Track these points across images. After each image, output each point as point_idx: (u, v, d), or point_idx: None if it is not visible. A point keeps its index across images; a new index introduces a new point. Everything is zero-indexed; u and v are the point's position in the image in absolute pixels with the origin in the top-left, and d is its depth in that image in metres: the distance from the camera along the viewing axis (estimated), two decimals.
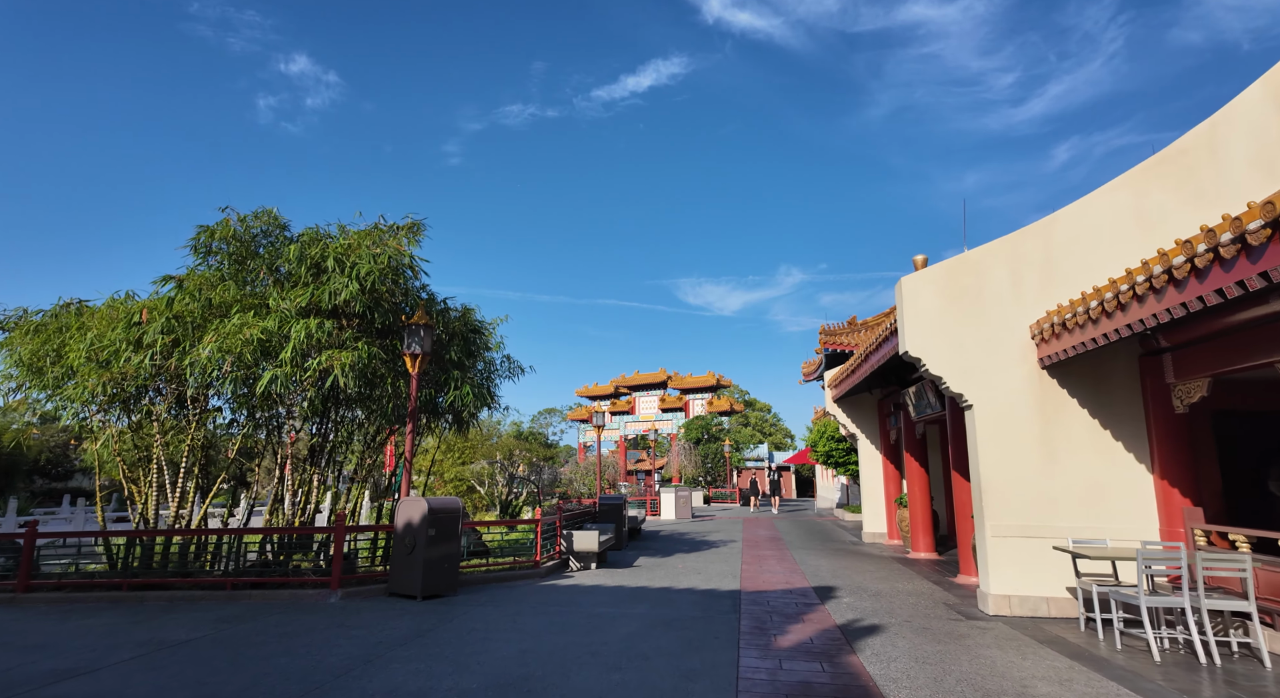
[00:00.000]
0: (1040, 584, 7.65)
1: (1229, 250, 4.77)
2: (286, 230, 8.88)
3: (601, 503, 14.92)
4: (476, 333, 10.48)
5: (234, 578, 8.04)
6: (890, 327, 9.81)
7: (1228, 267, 4.86)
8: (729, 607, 8.01)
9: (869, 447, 16.54)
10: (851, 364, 13.89)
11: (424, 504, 8.12)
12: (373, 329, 9.29)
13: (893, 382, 13.88)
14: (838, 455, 24.74)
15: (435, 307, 10.04)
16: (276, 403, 8.74)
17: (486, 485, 22.36)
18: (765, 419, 75.61)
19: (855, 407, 16.82)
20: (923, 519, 13.32)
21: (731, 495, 38.38)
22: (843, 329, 27.89)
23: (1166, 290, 5.55)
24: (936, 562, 12.37)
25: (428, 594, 8.10)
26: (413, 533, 8.12)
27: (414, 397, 9.17)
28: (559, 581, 9.91)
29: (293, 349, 7.82)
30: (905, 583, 9.93)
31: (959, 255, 8.58)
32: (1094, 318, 6.66)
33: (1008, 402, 8.11)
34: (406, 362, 9.27)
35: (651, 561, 12.55)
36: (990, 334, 8.26)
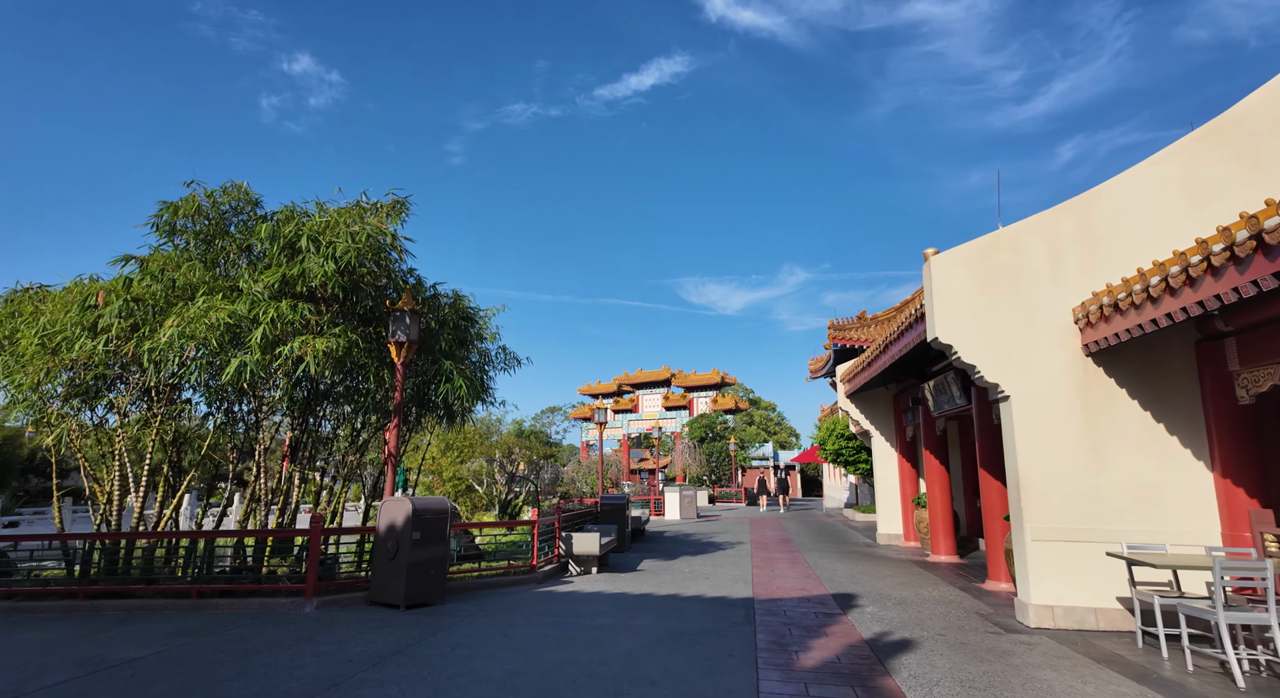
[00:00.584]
0: (1087, 594, 6.91)
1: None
2: (259, 207, 8.18)
3: (603, 503, 14.21)
4: (469, 321, 9.77)
5: (200, 586, 7.35)
6: (914, 313, 9.09)
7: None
8: (742, 618, 7.29)
9: (883, 444, 15.81)
10: (868, 357, 13.15)
11: (408, 505, 7.42)
12: (354, 315, 8.59)
13: (911, 375, 13.15)
14: (848, 454, 24.00)
15: (424, 292, 9.34)
16: (249, 395, 8.05)
17: (485, 485, 21.66)
18: (770, 418, 74.84)
19: (869, 402, 16.09)
20: (943, 521, 12.59)
21: (736, 495, 37.65)
22: (852, 324, 27.15)
23: (1253, 259, 4.81)
24: (959, 566, 11.64)
25: (411, 603, 7.40)
26: (395, 536, 7.42)
27: (399, 388, 8.47)
28: (557, 586, 9.21)
29: (262, 335, 7.12)
30: (930, 589, 9.21)
31: (993, 233, 7.84)
32: (1154, 296, 5.92)
33: (1048, 392, 7.37)
34: (391, 351, 8.56)
35: (656, 564, 11.83)
36: (1028, 318, 7.52)
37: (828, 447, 24.48)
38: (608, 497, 14.42)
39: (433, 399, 9.47)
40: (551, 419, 62.72)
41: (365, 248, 7.77)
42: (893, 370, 12.90)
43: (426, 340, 9.20)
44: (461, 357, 9.85)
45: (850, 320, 27.32)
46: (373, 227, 7.80)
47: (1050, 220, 7.67)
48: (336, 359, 7.87)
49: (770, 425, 73.30)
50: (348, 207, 8.11)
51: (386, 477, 8.27)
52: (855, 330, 26.75)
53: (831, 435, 24.48)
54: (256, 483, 8.13)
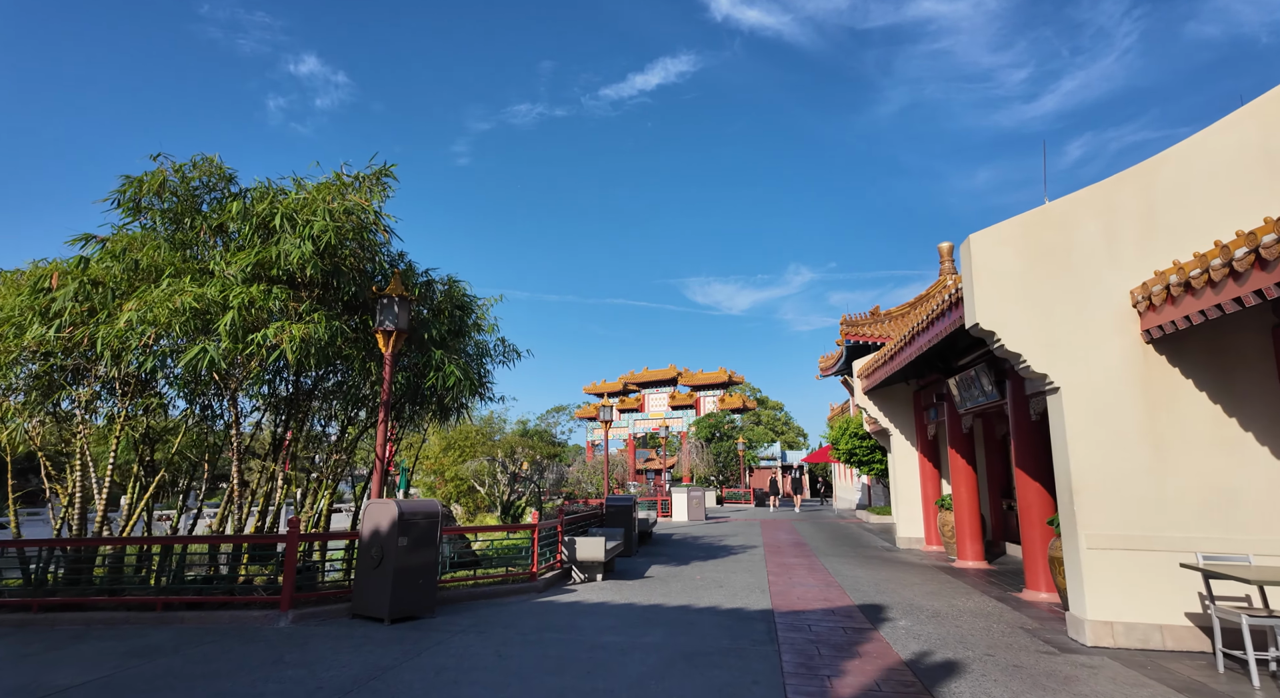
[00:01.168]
0: (1151, 609, 6.16)
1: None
2: (233, 183, 7.52)
3: (608, 505, 13.50)
4: (465, 310, 9.08)
5: (166, 597, 6.67)
6: (948, 298, 8.34)
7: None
8: (763, 634, 6.57)
9: (903, 443, 15.05)
10: (890, 350, 12.40)
11: (394, 509, 6.73)
12: (338, 302, 7.92)
13: (935, 370, 12.39)
14: (861, 454, 23.22)
15: (414, 278, 8.65)
16: (223, 389, 7.38)
17: (487, 485, 20.99)
18: (777, 418, 74.10)
19: (888, 399, 15.33)
20: (970, 524, 11.82)
21: (745, 496, 36.90)
22: (865, 320, 26.38)
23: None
24: (988, 572, 10.88)
25: (398, 616, 6.71)
26: (380, 543, 6.73)
27: (387, 381, 7.78)
28: (559, 596, 8.51)
29: (233, 321, 6.45)
30: (964, 600, 8.46)
31: (1039, 207, 7.10)
32: (1239, 271, 5.17)
33: (1104, 384, 6.62)
34: (379, 340, 7.88)
35: (665, 570, 11.12)
36: (1081, 302, 6.78)
37: (841, 446, 23.71)
38: (613, 498, 13.71)
39: (426, 393, 8.77)
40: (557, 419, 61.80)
41: (346, 227, 7.09)
42: (916, 365, 12.16)
43: (418, 330, 8.52)
44: (456, 348, 9.17)
45: (863, 316, 26.54)
46: (353, 203, 7.11)
47: (1105, 193, 6.92)
48: (318, 349, 7.19)
49: (778, 425, 72.49)
50: (325, 182, 7.42)
51: (374, 477, 7.58)
52: (868, 327, 25.97)
53: (845, 435, 23.71)
54: (232, 484, 7.45)
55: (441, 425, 10.62)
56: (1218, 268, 5.33)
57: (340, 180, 7.51)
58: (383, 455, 7.68)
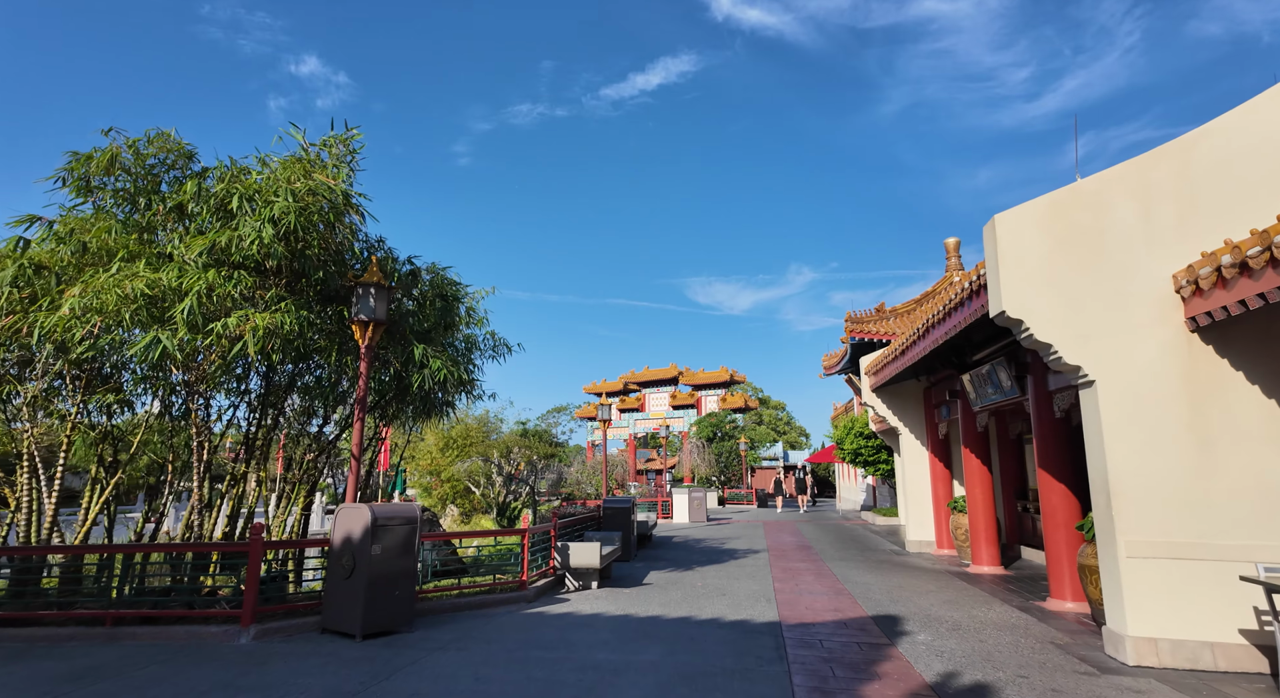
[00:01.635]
0: (1201, 625, 5.58)
1: None
2: (194, 161, 6.95)
3: (606, 507, 12.93)
4: (451, 300, 8.50)
5: (116, 611, 6.11)
6: (967, 287, 7.77)
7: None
8: (771, 651, 5.99)
9: (913, 442, 14.46)
10: (901, 345, 11.83)
11: (366, 514, 6.16)
12: (310, 290, 7.35)
13: (949, 365, 11.81)
14: (867, 454, 22.64)
15: (396, 266, 8.08)
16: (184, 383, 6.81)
17: (482, 487, 20.43)
18: (779, 418, 73.51)
19: (897, 397, 14.74)
20: (985, 527, 11.25)
21: (747, 496, 36.31)
22: (870, 317, 25.80)
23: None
24: (1006, 579, 10.30)
25: (371, 631, 6.14)
26: (352, 551, 6.17)
27: (364, 376, 7.22)
28: (550, 606, 7.94)
29: (190, 309, 5.89)
30: (984, 610, 7.89)
31: (1070, 186, 6.52)
32: None
33: (1143, 376, 6.05)
34: (355, 332, 7.32)
35: (665, 576, 10.55)
36: (1117, 287, 6.20)
37: (845, 446, 23.13)
38: (611, 500, 13.14)
39: (410, 390, 8.20)
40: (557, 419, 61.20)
41: (311, 208, 6.52)
42: (927, 361, 11.58)
43: (399, 322, 7.95)
44: (442, 341, 8.59)
45: (868, 313, 25.96)
46: (318, 183, 6.53)
47: (1141, 169, 6.34)
48: (286, 341, 6.62)
49: (780, 425, 71.88)
50: (291, 158, 6.84)
51: (349, 479, 7.01)
52: (874, 324, 25.39)
53: (849, 434, 23.13)
54: (194, 486, 6.89)
55: (424, 424, 10.02)
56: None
57: (305, 154, 6.90)
58: (359, 456, 7.11)
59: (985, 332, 9.47)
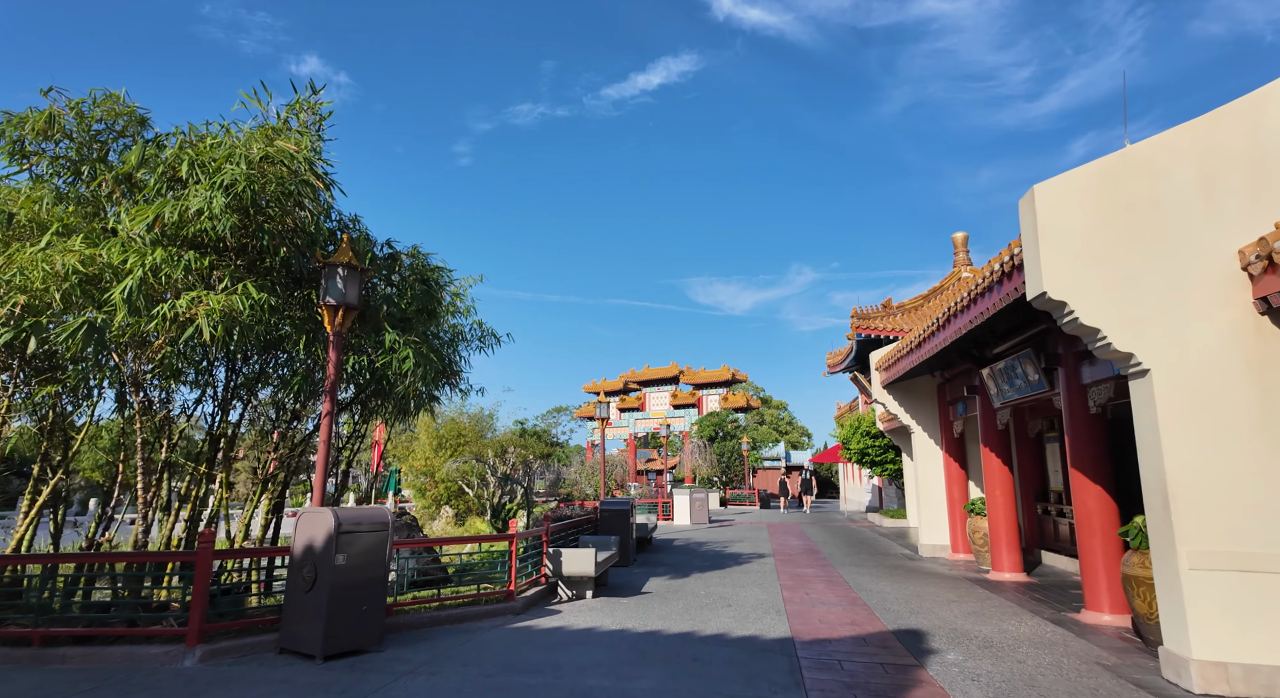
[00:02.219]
0: (1278, 648, 4.89)
1: None
2: (146, 128, 6.28)
3: (603, 509, 12.24)
4: (433, 287, 7.82)
5: (47, 630, 5.42)
6: (998, 270, 7.07)
7: None
8: (785, 675, 5.30)
9: (926, 441, 13.77)
10: (917, 337, 11.14)
11: (329, 519, 5.47)
12: (275, 272, 6.67)
13: (966, 359, 11.12)
14: (874, 453, 21.96)
15: (371, 248, 7.39)
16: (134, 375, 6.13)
17: (475, 488, 19.74)
18: (781, 418, 72.88)
19: (909, 394, 14.04)
20: (1007, 531, 10.56)
21: (750, 497, 35.61)
22: (877, 313, 25.13)
23: None
24: (1029, 586, 9.60)
25: (334, 652, 5.45)
26: (313, 561, 5.48)
27: (333, 365, 6.54)
28: (539, 620, 7.25)
29: (131, 288, 5.21)
30: (1014, 623, 7.20)
31: (1119, 152, 5.83)
32: None
33: (1206, 364, 5.36)
34: (323, 317, 6.63)
35: (665, 584, 9.86)
36: (1173, 266, 5.51)
37: (852, 446, 22.44)
38: (609, 502, 12.45)
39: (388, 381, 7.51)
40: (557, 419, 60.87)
41: (270, 177, 5.83)
42: (944, 355, 10.87)
43: (375, 307, 7.26)
44: (424, 330, 7.91)
45: (875, 309, 25.28)
46: (280, 149, 5.85)
47: (1202, 131, 5.65)
48: (247, 327, 5.94)
49: (782, 425, 71.19)
50: (255, 129, 6.15)
51: (315, 481, 6.33)
52: (881, 320, 24.70)
53: (856, 433, 22.45)
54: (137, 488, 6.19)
55: (412, 421, 9.32)
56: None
57: (270, 124, 6.21)
58: (326, 456, 6.42)
59: (1010, 321, 8.78)
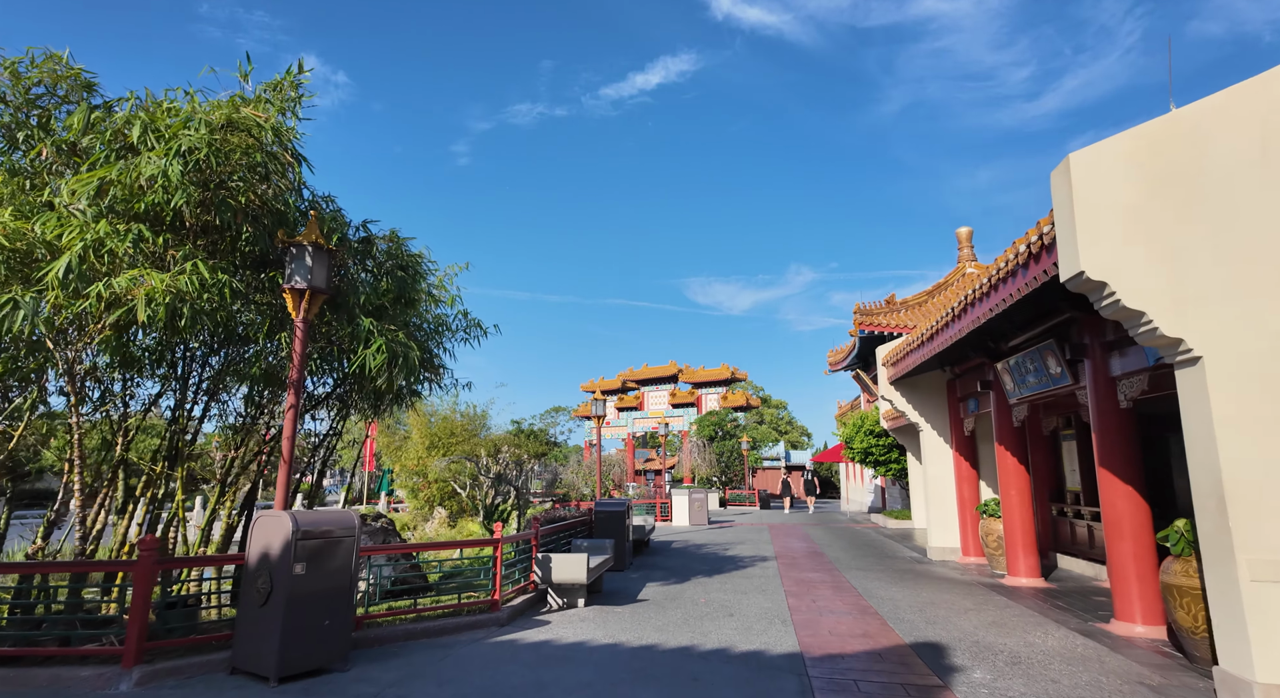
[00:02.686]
0: None
1: None
2: (94, 93, 5.69)
3: (598, 511, 11.67)
4: (409, 271, 7.24)
5: None
6: (1025, 252, 6.51)
7: None
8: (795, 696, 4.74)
9: (935, 440, 13.21)
10: (929, 329, 10.57)
11: (287, 524, 4.90)
12: (238, 254, 6.10)
13: (980, 353, 10.56)
14: (878, 452, 21.40)
15: (345, 229, 6.83)
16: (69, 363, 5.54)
17: (468, 488, 19.17)
18: (780, 417, 72.45)
19: (916, 390, 13.47)
20: (1023, 534, 10.01)
21: (750, 498, 35.06)
22: (880, 309, 24.60)
23: None
24: (1048, 593, 9.06)
25: (292, 673, 4.88)
26: (269, 570, 4.91)
27: (298, 355, 5.97)
28: (525, 632, 6.68)
29: (69, 266, 4.65)
30: (1040, 635, 6.64)
31: (1165, 116, 5.27)
32: None
33: (1267, 351, 4.81)
34: (287, 302, 6.06)
35: (663, 590, 9.29)
36: (1230, 240, 4.96)
37: (855, 445, 21.89)
38: (603, 503, 11.88)
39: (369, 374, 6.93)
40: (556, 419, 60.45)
41: (236, 146, 5.27)
42: (957, 347, 10.30)
43: (347, 293, 6.68)
44: (403, 319, 7.33)
45: (878, 305, 24.74)
46: (246, 116, 5.29)
47: (1257, 93, 5.10)
48: (201, 311, 5.36)
49: (781, 425, 70.69)
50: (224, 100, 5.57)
51: (278, 483, 5.75)
52: (884, 316, 24.16)
53: (859, 432, 21.89)
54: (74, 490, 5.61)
55: (384, 416, 8.75)
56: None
57: (255, 96, 5.62)
58: (290, 453, 5.85)
59: (1029, 311, 8.21)
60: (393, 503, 27.72)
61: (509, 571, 7.77)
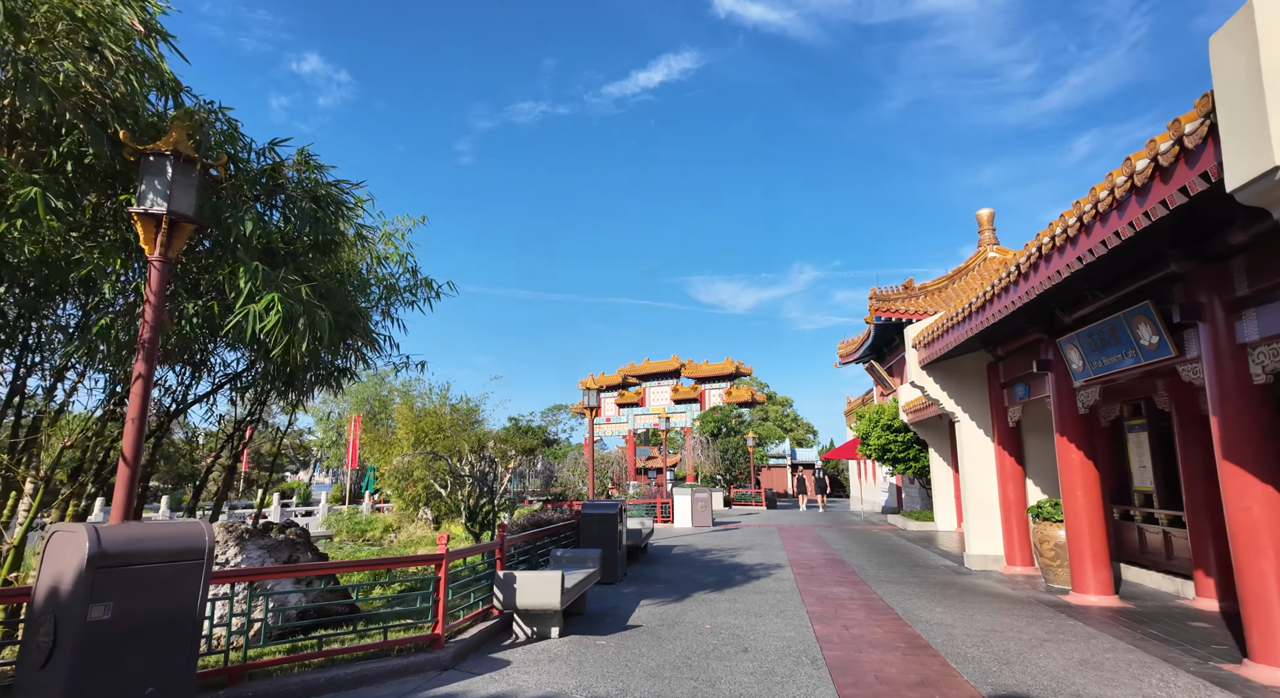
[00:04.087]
0: None
1: None
2: None
3: (585, 514, 10.02)
4: (324, 206, 5.56)
5: None
6: (1152, 165, 4.79)
7: None
8: None
9: (974, 432, 11.51)
10: (977, 300, 8.87)
11: (83, 545, 3.25)
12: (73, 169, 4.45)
13: (1037, 325, 8.87)
14: (896, 449, 19.69)
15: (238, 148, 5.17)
16: None
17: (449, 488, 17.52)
18: (785, 414, 70.81)
19: (950, 376, 11.76)
20: (1092, 542, 8.34)
21: (755, 497, 33.39)
22: (898, 294, 22.92)
23: None
24: (1128, 615, 7.39)
25: None
26: (55, 614, 3.25)
27: (154, 306, 4.31)
28: (473, 679, 5.03)
29: None
30: (1160, 686, 4.98)
31: None
32: None
33: None
34: (139, 232, 4.40)
35: (659, 611, 7.65)
36: None
37: (871, 441, 20.18)
38: (593, 505, 10.22)
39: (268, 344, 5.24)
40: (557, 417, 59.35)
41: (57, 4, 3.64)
42: (1008, 321, 8.58)
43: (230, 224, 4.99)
44: (315, 270, 5.66)
45: (895, 290, 23.05)
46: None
47: None
48: None
49: (786, 422, 69.05)
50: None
51: (116, 485, 4.09)
52: (902, 302, 22.46)
53: (876, 427, 20.18)
54: None
55: (300, 400, 7.04)
56: None
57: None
58: (137, 443, 4.19)
59: (1115, 267, 6.50)
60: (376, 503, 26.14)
61: (464, 592, 6.10)
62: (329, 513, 24.14)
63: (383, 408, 24.04)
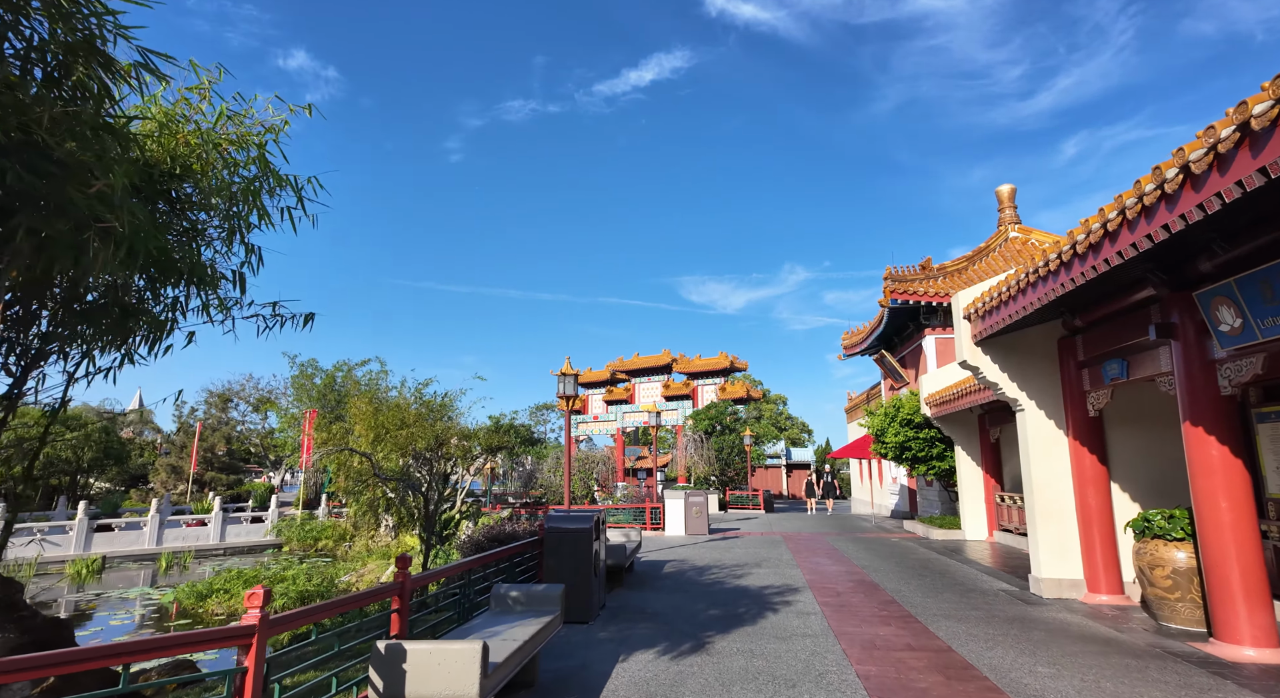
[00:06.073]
0: None
1: None
2: None
3: (550, 530, 7.62)
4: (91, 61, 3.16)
5: None
6: None
7: None
8: None
9: (1041, 424, 9.19)
10: (1067, 248, 6.50)
11: None
12: None
13: (1159, 278, 6.57)
14: (916, 448, 17.40)
15: None
16: None
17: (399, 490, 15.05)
18: (780, 412, 68.71)
19: (1009, 354, 9.43)
20: (1243, 571, 6.06)
21: (753, 499, 31.09)
22: (915, 275, 20.68)
23: None
24: None
25: None
26: None
27: None
28: None
29: None
30: None
31: None
32: None
33: None
34: None
35: (646, 675, 5.29)
36: None
37: (888, 439, 17.89)
38: (559, 518, 7.83)
39: None
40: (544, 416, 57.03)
41: None
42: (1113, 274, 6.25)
43: None
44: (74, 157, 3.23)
45: (912, 270, 20.81)
46: None
47: None
48: None
49: (781, 420, 66.94)
50: None
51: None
52: (920, 283, 20.23)
53: (893, 423, 17.89)
54: None
55: (90, 366, 4.54)
56: None
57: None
58: None
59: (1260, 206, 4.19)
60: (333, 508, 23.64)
61: (311, 677, 3.70)
62: (279, 519, 21.57)
63: (339, 402, 21.55)
